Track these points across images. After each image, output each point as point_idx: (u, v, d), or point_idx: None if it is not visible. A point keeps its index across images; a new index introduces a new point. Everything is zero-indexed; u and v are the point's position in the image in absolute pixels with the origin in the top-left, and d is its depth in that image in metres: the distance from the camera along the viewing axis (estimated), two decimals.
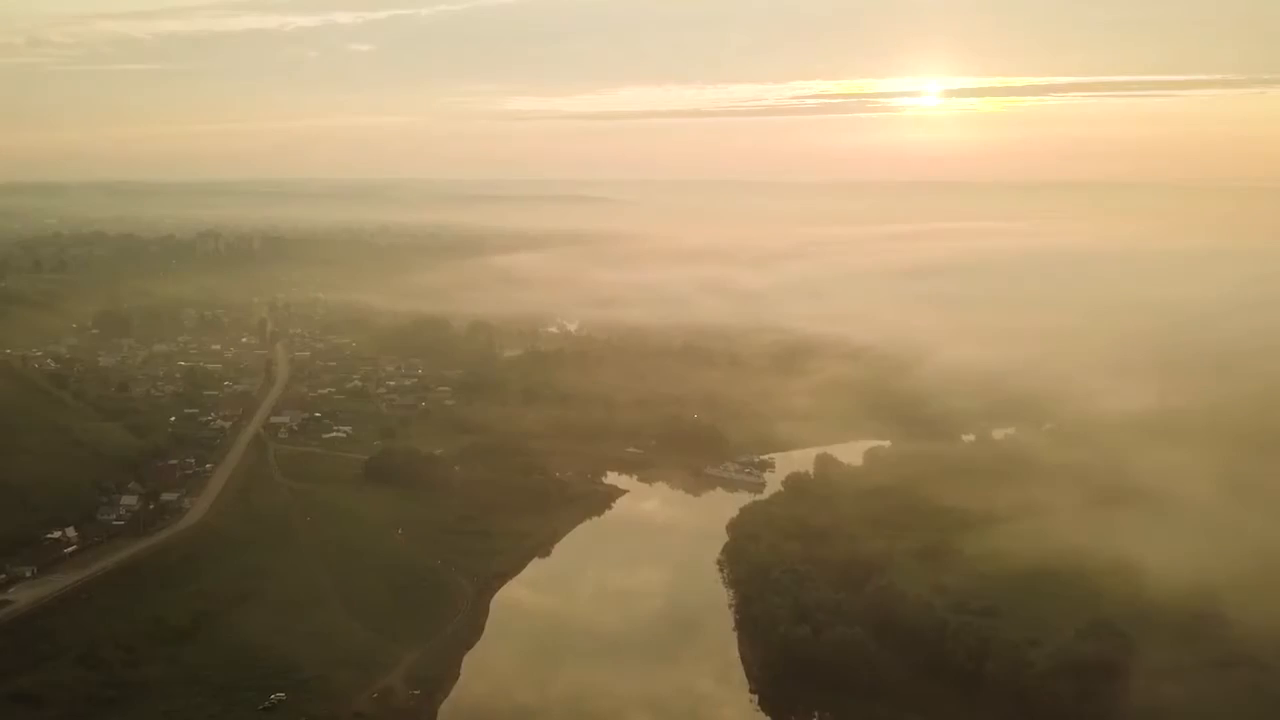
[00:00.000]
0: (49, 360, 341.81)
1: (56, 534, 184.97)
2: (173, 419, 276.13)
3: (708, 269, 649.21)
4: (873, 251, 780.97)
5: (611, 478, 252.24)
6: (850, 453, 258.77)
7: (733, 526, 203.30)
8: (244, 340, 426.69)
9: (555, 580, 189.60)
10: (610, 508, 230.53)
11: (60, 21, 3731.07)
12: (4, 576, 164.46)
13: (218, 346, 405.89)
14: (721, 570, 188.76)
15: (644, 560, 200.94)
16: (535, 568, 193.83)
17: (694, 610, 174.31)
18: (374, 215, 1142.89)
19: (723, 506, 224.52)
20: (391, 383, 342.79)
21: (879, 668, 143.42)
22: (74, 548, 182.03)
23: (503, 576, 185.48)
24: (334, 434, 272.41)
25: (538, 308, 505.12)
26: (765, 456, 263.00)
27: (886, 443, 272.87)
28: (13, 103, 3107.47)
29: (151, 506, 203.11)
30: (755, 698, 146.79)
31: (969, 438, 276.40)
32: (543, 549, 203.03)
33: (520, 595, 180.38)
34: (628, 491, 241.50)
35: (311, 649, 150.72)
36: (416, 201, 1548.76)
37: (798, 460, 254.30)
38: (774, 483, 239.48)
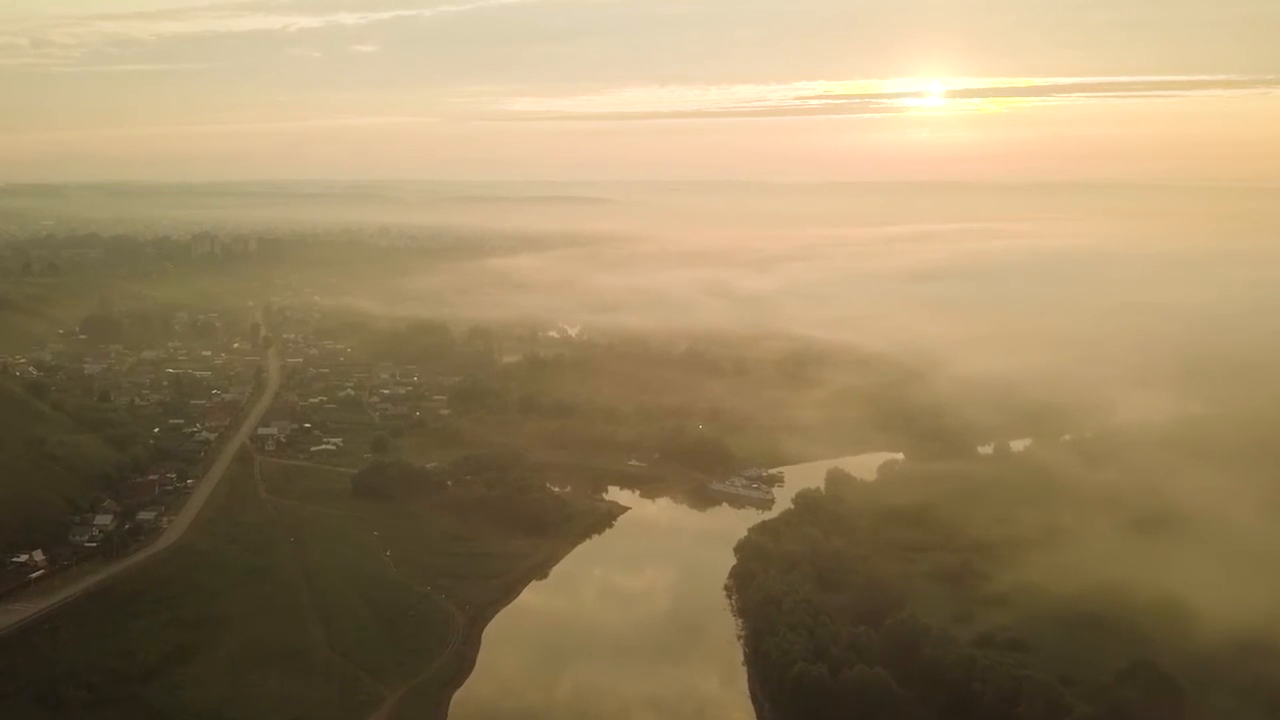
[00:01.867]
0: (31, 367, 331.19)
1: (23, 557, 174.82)
2: (156, 430, 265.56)
3: (711, 271, 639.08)
4: (878, 253, 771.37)
5: (613, 493, 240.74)
6: (862, 466, 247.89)
7: (741, 549, 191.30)
8: (236, 345, 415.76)
9: (552, 608, 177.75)
10: (611, 526, 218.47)
11: (62, 22, 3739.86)
12: None
13: (208, 352, 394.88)
14: (729, 597, 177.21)
15: (647, 585, 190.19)
16: (531, 593, 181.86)
17: (700, 642, 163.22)
18: (374, 216, 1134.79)
19: (730, 525, 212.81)
20: (386, 391, 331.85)
21: (902, 711, 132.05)
22: (41, 572, 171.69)
23: (496, 604, 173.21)
24: (323, 446, 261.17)
25: (538, 312, 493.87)
26: (773, 470, 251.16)
27: (899, 455, 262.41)
28: (15, 104, 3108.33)
29: (127, 526, 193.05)
30: None
31: (985, 450, 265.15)
32: (540, 571, 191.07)
33: (515, 625, 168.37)
34: (630, 508, 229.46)
35: (289, 689, 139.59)
36: (417, 202, 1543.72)
37: (807, 474, 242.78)
38: (783, 499, 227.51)
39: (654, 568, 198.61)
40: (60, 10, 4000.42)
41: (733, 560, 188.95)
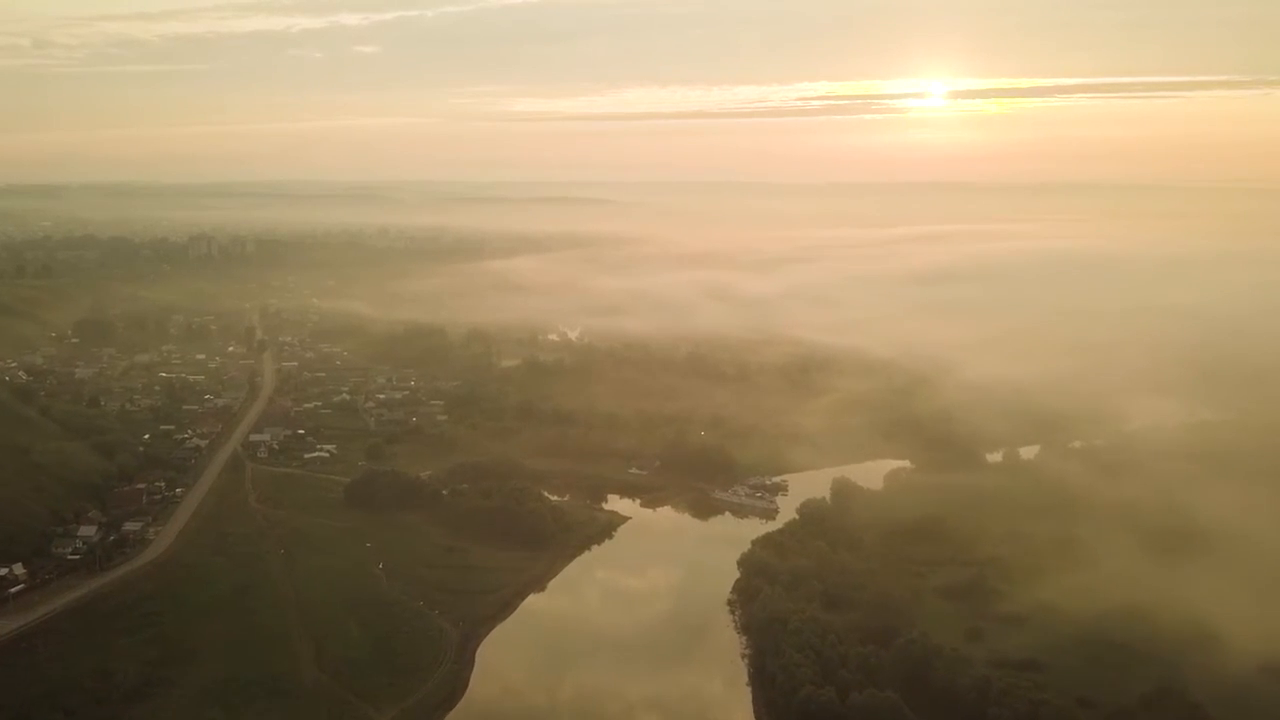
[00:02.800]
0: (21, 372, 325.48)
1: (2, 571, 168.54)
2: (146, 437, 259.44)
3: (713, 274, 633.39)
4: (881, 255, 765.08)
5: (613, 502, 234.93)
6: (868, 474, 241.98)
7: (744, 562, 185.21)
8: (230, 349, 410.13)
9: (549, 624, 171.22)
10: (611, 537, 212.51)
11: (65, 23, 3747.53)
12: None
13: (202, 356, 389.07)
14: (733, 612, 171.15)
15: (648, 600, 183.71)
16: (528, 608, 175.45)
17: (703, 661, 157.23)
18: (375, 217, 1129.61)
19: (733, 536, 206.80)
20: (382, 395, 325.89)
21: None
22: (21, 586, 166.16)
23: (491, 620, 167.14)
24: (317, 453, 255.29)
25: (538, 314, 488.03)
26: (777, 479, 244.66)
27: (906, 463, 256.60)
28: (17, 104, 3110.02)
29: (111, 538, 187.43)
30: None
31: (994, 457, 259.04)
32: (537, 585, 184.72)
33: (510, 642, 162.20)
34: (630, 518, 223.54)
35: (274, 714, 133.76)
36: (418, 203, 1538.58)
37: (812, 482, 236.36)
38: (787, 508, 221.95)
39: (654, 582, 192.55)
40: (63, 11, 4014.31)
41: (736, 573, 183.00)
